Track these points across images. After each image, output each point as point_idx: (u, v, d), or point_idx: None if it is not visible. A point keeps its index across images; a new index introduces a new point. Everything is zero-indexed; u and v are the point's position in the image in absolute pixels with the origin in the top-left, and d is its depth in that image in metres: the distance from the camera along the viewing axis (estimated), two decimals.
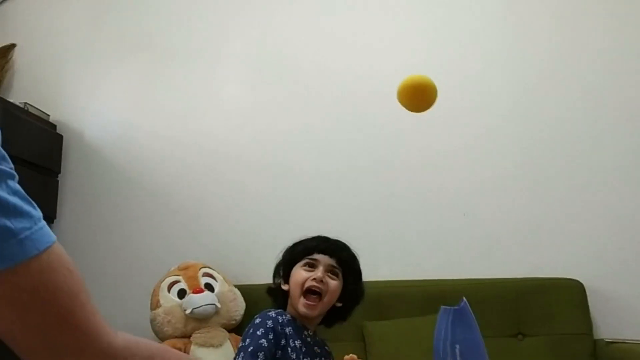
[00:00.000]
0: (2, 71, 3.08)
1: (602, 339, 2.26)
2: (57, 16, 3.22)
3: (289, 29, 2.95)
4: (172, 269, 2.53)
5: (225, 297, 2.43)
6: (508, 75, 2.69)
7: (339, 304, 1.48)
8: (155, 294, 2.44)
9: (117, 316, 2.79)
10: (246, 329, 1.39)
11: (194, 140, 2.92)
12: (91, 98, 3.09)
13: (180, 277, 2.45)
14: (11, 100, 2.83)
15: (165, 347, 0.89)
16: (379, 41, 2.84)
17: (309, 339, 1.44)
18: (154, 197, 2.91)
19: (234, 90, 2.96)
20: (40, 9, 3.25)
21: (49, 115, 3.01)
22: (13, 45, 3.15)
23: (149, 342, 0.78)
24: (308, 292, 1.42)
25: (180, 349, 2.28)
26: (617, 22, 2.64)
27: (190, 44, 3.04)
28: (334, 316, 1.51)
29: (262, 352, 1.31)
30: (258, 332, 1.35)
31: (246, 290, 2.54)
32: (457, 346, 0.86)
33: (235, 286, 2.54)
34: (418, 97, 1.25)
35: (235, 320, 2.44)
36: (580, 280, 2.35)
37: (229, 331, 2.42)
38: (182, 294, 2.40)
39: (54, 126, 3.02)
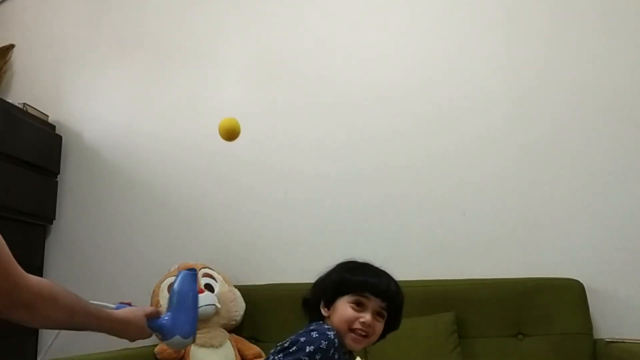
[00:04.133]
0: (1, 72, 3.08)
1: (602, 339, 2.26)
2: (56, 17, 3.22)
3: (287, 31, 2.95)
4: (172, 269, 2.53)
5: (225, 298, 2.43)
6: (507, 76, 2.69)
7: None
8: (155, 294, 2.44)
9: None
10: (298, 334, 1.31)
11: (193, 141, 2.92)
12: (90, 99, 3.09)
13: None
14: (10, 101, 2.83)
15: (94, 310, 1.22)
16: (378, 44, 2.85)
17: None
18: (153, 197, 2.91)
19: (232, 91, 2.96)
20: (39, 10, 3.25)
21: (47, 116, 3.01)
22: (12, 46, 3.15)
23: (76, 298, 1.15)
24: (353, 331, 1.36)
25: (180, 350, 2.28)
26: (614, 23, 2.64)
27: (189, 45, 3.04)
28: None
29: None
30: (307, 349, 1.26)
31: (246, 291, 2.54)
32: (190, 293, 1.43)
33: (235, 287, 2.54)
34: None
35: (235, 320, 2.44)
36: (580, 280, 2.35)
37: (229, 331, 2.42)
38: None
39: (53, 127, 3.02)
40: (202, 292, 2.38)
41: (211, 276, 2.50)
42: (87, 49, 3.15)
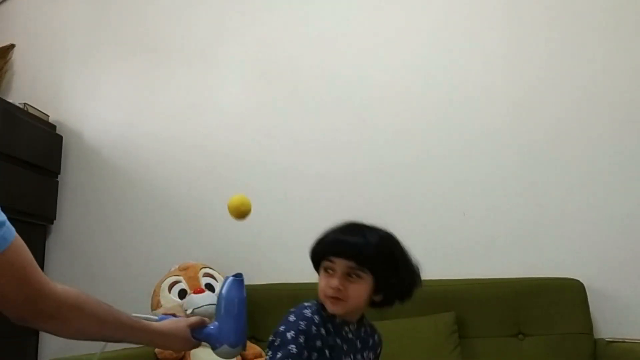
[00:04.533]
0: (2, 72, 3.08)
1: (603, 339, 2.26)
2: (57, 17, 3.22)
3: (287, 31, 2.95)
4: (173, 269, 2.53)
5: None
6: (507, 75, 2.69)
7: (378, 298, 1.35)
8: (155, 294, 2.44)
9: None
10: (279, 323, 1.30)
11: (193, 140, 2.92)
12: (91, 99, 3.09)
13: (180, 278, 2.45)
14: (10, 101, 2.83)
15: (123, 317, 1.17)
16: (378, 43, 2.85)
17: (350, 335, 1.36)
18: (153, 197, 2.91)
19: (233, 90, 2.96)
20: (40, 10, 3.25)
21: (48, 116, 3.01)
22: (12, 46, 3.15)
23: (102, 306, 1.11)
24: (328, 298, 1.32)
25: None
26: (615, 23, 2.64)
27: (189, 45, 3.04)
28: (381, 303, 1.38)
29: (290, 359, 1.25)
30: (288, 336, 1.26)
31: (247, 291, 2.53)
32: (236, 300, 1.38)
33: None
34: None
35: None
36: (581, 280, 2.35)
37: None
38: (182, 294, 2.40)
39: (53, 127, 3.02)
40: (202, 291, 2.38)
41: (212, 276, 2.50)
42: (88, 49, 3.15)
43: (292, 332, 1.27)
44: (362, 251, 1.31)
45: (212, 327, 1.35)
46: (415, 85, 2.76)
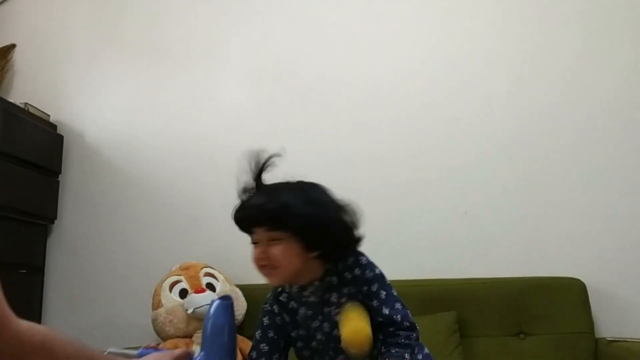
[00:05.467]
0: (2, 71, 3.08)
1: (604, 338, 2.26)
2: (57, 17, 3.23)
3: (288, 32, 2.95)
4: (174, 269, 2.53)
5: None
6: (509, 75, 2.69)
7: (315, 254, 1.26)
8: (156, 293, 2.44)
9: (119, 316, 2.81)
10: None
11: (194, 140, 2.92)
12: (91, 98, 3.09)
13: (181, 277, 2.45)
14: (11, 101, 2.83)
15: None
16: (378, 43, 2.84)
17: (311, 299, 1.30)
18: (154, 197, 2.91)
19: (233, 90, 2.96)
20: (40, 10, 3.25)
21: (49, 116, 3.01)
22: (13, 46, 3.15)
23: (73, 343, 0.94)
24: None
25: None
26: (619, 20, 2.64)
27: (190, 45, 3.04)
28: (325, 256, 1.29)
29: (264, 344, 1.30)
30: (256, 335, 1.35)
31: (247, 290, 2.54)
32: (226, 327, 1.19)
33: (237, 286, 2.54)
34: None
35: (237, 319, 2.44)
36: (582, 279, 2.35)
37: None
38: (183, 293, 2.40)
39: (54, 126, 3.02)
40: (203, 291, 2.38)
41: (212, 275, 2.50)
42: (89, 49, 3.15)
43: (259, 331, 1.33)
44: (267, 213, 1.24)
45: (197, 358, 1.21)
46: (417, 84, 2.76)
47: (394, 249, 2.59)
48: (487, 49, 2.73)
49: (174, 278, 2.45)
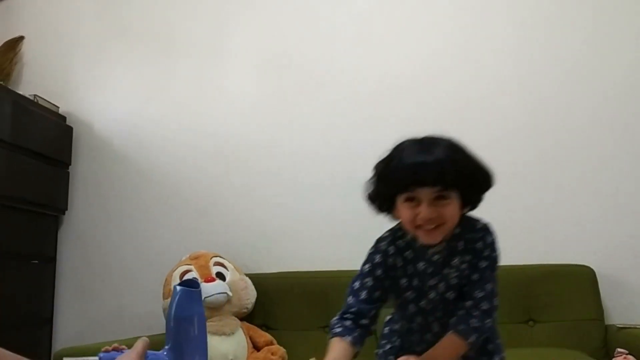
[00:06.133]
0: (11, 63, 3.09)
1: (614, 325, 2.26)
2: (65, 8, 3.22)
3: (296, 21, 2.93)
4: (184, 258, 2.55)
5: (237, 286, 2.44)
6: (519, 64, 2.67)
7: (466, 210, 1.28)
8: (167, 283, 2.46)
9: (130, 305, 2.83)
10: None
11: (203, 130, 2.92)
12: (100, 90, 3.10)
13: (191, 267, 2.46)
14: (21, 93, 2.84)
15: None
16: (387, 33, 2.82)
17: (435, 257, 1.28)
18: (164, 187, 2.92)
19: (241, 79, 2.96)
20: (48, 2, 3.25)
21: (58, 107, 3.02)
22: (21, 38, 3.16)
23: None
24: (420, 228, 1.21)
25: None
26: (629, 5, 2.61)
27: (197, 35, 3.03)
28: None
29: (365, 291, 1.29)
30: (365, 268, 1.32)
31: (257, 279, 2.55)
32: (196, 317, 1.01)
33: (246, 275, 2.55)
34: None
35: (246, 308, 2.46)
36: (591, 267, 2.34)
37: (241, 319, 2.44)
38: None
39: (63, 118, 3.03)
40: (213, 280, 2.39)
41: (222, 265, 2.51)
42: (97, 40, 3.15)
43: (369, 264, 1.31)
44: (447, 174, 1.18)
45: (164, 352, 1.02)
46: (425, 76, 2.74)
47: None
48: (496, 36, 2.71)
49: (184, 267, 2.47)
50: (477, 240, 1.30)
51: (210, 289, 2.35)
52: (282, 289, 2.55)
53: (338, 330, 1.27)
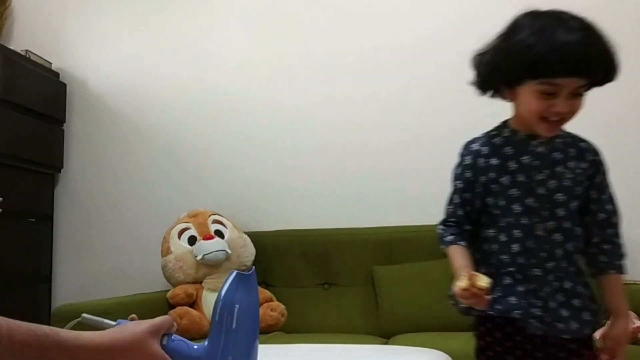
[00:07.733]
0: (2, 18, 3.01)
1: None
2: None
3: None
4: (182, 216, 2.54)
5: (236, 244, 2.45)
6: None
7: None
8: (165, 240, 2.46)
9: (128, 263, 2.83)
10: None
11: (199, 86, 2.87)
12: (94, 46, 3.03)
13: (190, 224, 2.46)
14: (12, 48, 2.78)
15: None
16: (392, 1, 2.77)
17: (540, 149, 1.21)
18: (161, 144, 2.89)
19: (238, 36, 2.89)
20: None
21: (51, 63, 2.96)
22: None
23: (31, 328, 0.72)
24: (545, 120, 1.13)
25: (192, 294, 2.32)
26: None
27: None
28: None
29: (457, 195, 1.28)
30: (457, 171, 1.29)
31: (256, 237, 2.55)
32: (237, 306, 0.87)
33: (245, 233, 2.55)
34: None
35: (245, 265, 2.46)
36: None
37: None
38: (192, 240, 2.41)
39: (56, 74, 2.97)
40: (212, 238, 2.39)
41: (221, 222, 2.51)
42: None
43: (459, 168, 1.29)
44: (600, 69, 1.10)
45: (195, 347, 0.85)
46: (431, 45, 2.67)
47: (403, 193, 2.60)
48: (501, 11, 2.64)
49: (183, 225, 2.46)
50: (593, 152, 1.26)
51: (208, 247, 2.35)
52: (281, 246, 2.56)
53: (450, 238, 1.27)
